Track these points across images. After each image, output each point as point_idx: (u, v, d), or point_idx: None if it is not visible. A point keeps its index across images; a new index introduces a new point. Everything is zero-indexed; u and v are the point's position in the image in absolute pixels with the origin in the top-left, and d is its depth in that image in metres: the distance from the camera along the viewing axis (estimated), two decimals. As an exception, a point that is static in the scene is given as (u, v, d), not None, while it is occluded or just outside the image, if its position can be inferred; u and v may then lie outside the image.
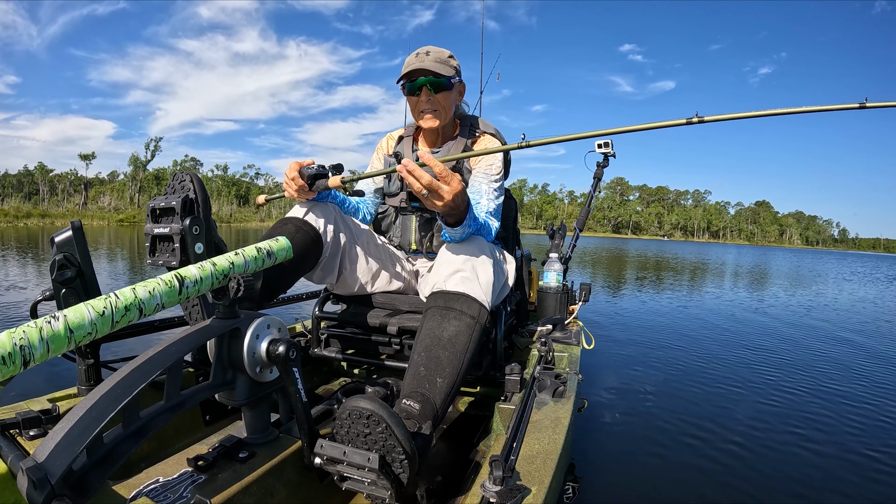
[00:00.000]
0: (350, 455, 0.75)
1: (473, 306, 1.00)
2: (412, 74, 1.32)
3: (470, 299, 1.01)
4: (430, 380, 0.91)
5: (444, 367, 0.92)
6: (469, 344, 0.97)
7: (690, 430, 1.83)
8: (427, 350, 0.95)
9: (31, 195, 65.09)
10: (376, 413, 0.73)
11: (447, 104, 1.36)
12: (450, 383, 0.92)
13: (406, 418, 0.85)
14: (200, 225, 0.90)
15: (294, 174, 1.14)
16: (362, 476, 0.76)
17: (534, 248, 1.63)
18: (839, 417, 2.03)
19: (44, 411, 0.86)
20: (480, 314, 1.01)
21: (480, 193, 1.30)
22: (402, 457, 0.74)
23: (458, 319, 0.98)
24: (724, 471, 1.52)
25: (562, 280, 2.01)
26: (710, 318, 4.50)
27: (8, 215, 35.86)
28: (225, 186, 74.23)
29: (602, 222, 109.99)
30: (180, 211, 0.89)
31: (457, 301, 1.00)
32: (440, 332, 0.97)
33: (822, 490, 1.43)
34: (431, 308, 1.02)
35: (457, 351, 0.95)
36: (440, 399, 0.90)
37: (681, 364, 2.79)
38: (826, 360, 3.09)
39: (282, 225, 1.19)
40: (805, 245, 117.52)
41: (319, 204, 1.26)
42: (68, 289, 0.89)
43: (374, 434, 0.75)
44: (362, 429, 0.75)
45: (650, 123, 0.94)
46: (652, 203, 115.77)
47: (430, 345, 0.95)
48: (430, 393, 0.89)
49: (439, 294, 1.03)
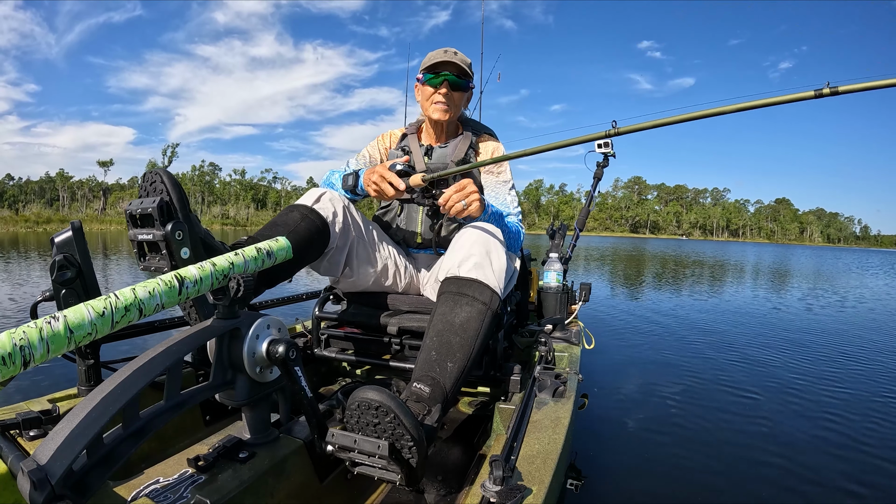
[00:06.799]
0: (361, 443, 0.77)
1: (486, 293, 1.02)
2: (437, 67, 1.40)
3: (482, 286, 1.03)
4: (441, 364, 0.93)
5: (455, 352, 0.94)
6: (480, 329, 0.99)
7: (691, 429, 1.83)
8: (439, 335, 0.97)
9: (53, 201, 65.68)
10: (384, 404, 0.75)
11: (458, 103, 1.45)
12: (460, 367, 0.94)
13: (416, 401, 0.87)
14: (183, 229, 0.88)
15: (392, 176, 1.15)
16: (373, 462, 0.78)
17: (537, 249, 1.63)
18: (844, 417, 2.03)
19: (44, 412, 0.86)
20: (492, 300, 1.03)
21: (506, 205, 1.40)
22: (411, 443, 0.76)
23: (470, 305, 1.00)
24: (725, 470, 1.52)
25: (562, 280, 2.01)
26: (711, 317, 4.50)
27: (29, 221, 35.99)
28: (242, 190, 75.15)
29: (619, 222, 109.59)
30: (158, 217, 0.86)
31: (469, 287, 1.02)
32: (452, 318, 0.99)
33: (832, 489, 1.43)
34: (444, 293, 1.04)
35: (468, 336, 0.97)
36: (450, 383, 0.92)
37: (681, 364, 2.79)
38: (844, 360, 3.09)
39: (288, 212, 1.18)
40: (826, 243, 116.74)
41: (331, 193, 1.26)
42: (68, 289, 0.89)
43: (382, 423, 0.77)
44: (371, 419, 0.77)
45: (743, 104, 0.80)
46: (670, 202, 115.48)
47: (442, 329, 0.97)
48: (441, 376, 0.91)
49: (452, 280, 1.05)
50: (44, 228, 31.37)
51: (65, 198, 66.00)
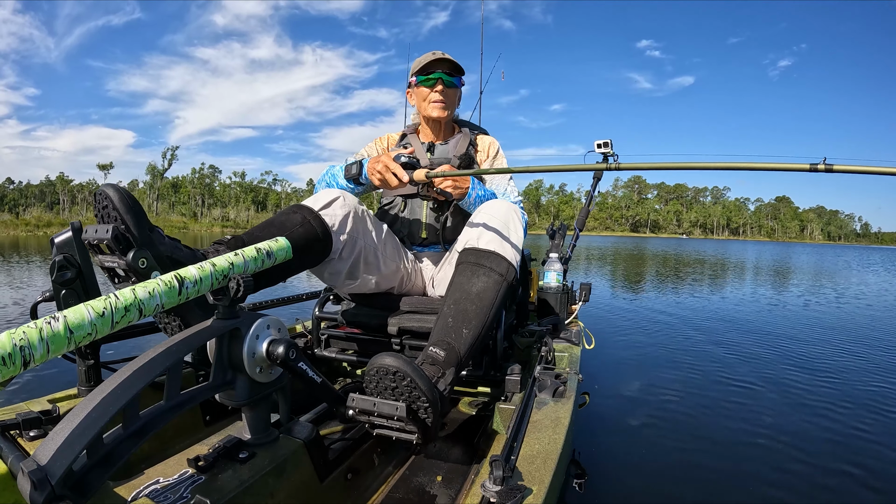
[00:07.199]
0: (379, 406, 0.82)
1: (502, 264, 1.07)
2: (429, 67, 1.43)
3: (500, 257, 1.07)
4: (457, 330, 0.97)
5: (471, 320, 0.99)
6: (496, 300, 1.03)
7: (692, 429, 1.83)
8: (456, 303, 1.01)
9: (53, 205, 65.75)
10: (401, 369, 0.81)
11: (454, 101, 1.49)
12: (475, 335, 0.98)
13: (431, 364, 0.92)
14: (146, 255, 0.84)
15: (396, 166, 1.15)
16: (391, 424, 0.84)
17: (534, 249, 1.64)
18: (848, 416, 2.03)
19: (44, 412, 0.86)
20: (508, 272, 1.07)
21: (507, 195, 1.44)
22: (427, 405, 0.82)
23: (487, 276, 1.05)
24: (726, 470, 1.52)
25: (562, 280, 2.01)
26: (711, 317, 4.50)
27: (29, 224, 35.95)
28: (243, 193, 75.21)
29: (620, 221, 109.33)
30: (116, 248, 0.82)
31: (487, 258, 1.07)
32: (469, 287, 1.03)
33: (833, 488, 1.43)
34: (463, 263, 1.09)
35: (484, 305, 1.01)
36: (464, 348, 0.96)
37: (682, 364, 2.79)
38: (844, 358, 3.09)
39: (291, 212, 1.13)
40: (827, 240, 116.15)
41: (344, 198, 1.20)
42: (68, 290, 0.89)
43: (399, 387, 0.82)
44: (389, 383, 0.82)
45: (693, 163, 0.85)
46: (670, 201, 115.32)
47: (460, 298, 1.02)
48: (456, 342, 0.96)
49: (471, 251, 1.10)
50: (44, 232, 31.38)
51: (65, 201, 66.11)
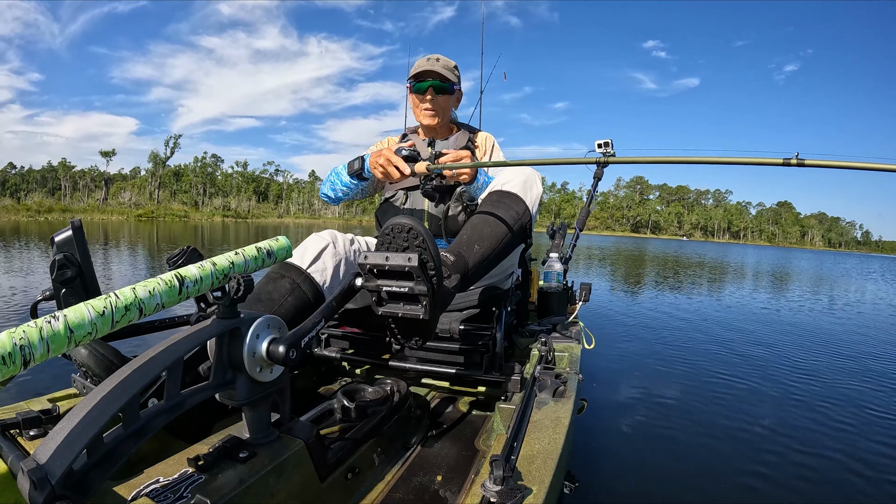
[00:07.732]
0: (392, 258, 0.86)
1: (521, 205, 1.19)
2: (421, 76, 1.47)
3: (520, 200, 1.19)
4: (470, 245, 1.07)
5: (484, 239, 1.09)
6: (508, 232, 1.13)
7: (692, 429, 1.83)
8: (473, 226, 1.13)
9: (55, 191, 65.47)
10: (415, 227, 0.86)
11: (446, 107, 1.53)
12: (484, 253, 1.08)
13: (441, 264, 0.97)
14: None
15: (397, 159, 1.21)
16: (400, 288, 0.87)
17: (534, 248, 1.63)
18: (850, 422, 2.03)
19: (44, 411, 0.86)
20: (524, 215, 1.18)
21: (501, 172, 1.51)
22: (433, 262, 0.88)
23: (506, 210, 1.16)
24: (726, 470, 1.52)
25: (562, 280, 2.01)
26: (713, 317, 4.50)
27: (30, 210, 36.01)
28: (244, 183, 74.89)
29: (621, 221, 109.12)
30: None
31: (509, 197, 1.19)
32: (488, 215, 1.14)
33: (833, 490, 1.43)
34: (486, 200, 1.21)
35: (498, 231, 1.12)
36: (472, 261, 1.05)
37: (682, 364, 2.79)
38: (845, 363, 3.09)
39: (278, 278, 1.15)
40: (827, 247, 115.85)
41: (333, 246, 1.25)
42: (68, 289, 0.89)
43: (412, 246, 0.87)
44: (402, 241, 0.88)
45: None
46: (672, 202, 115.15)
47: (478, 222, 1.13)
48: (467, 254, 1.05)
49: (496, 192, 1.21)
50: (45, 218, 31.35)
51: (67, 187, 65.67)
